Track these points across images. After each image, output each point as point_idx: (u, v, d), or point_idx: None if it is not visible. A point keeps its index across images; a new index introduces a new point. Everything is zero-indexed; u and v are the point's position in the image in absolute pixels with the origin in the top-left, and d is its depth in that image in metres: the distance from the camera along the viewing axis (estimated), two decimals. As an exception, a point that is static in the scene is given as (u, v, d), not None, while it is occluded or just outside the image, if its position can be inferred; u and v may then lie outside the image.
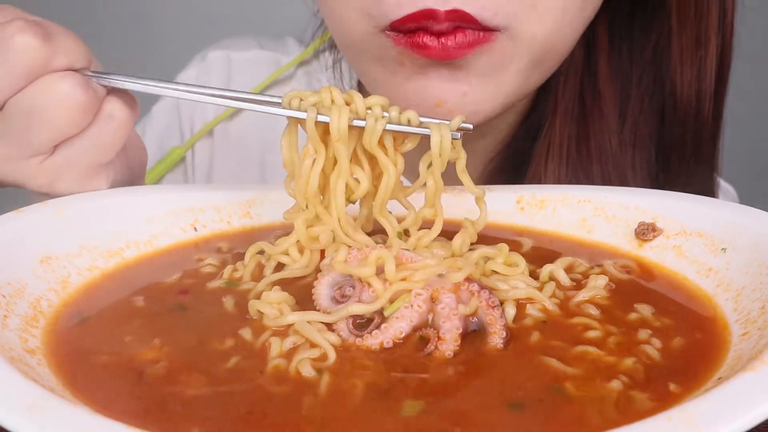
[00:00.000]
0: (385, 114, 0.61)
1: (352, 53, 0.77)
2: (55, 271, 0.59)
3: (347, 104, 0.61)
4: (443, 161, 0.61)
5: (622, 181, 0.86)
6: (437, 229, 0.63)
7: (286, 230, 0.67)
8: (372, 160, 0.63)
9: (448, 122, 0.62)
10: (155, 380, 0.47)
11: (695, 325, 0.54)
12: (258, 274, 0.62)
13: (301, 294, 0.57)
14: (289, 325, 0.52)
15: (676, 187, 0.84)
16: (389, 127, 0.61)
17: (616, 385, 0.46)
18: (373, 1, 0.69)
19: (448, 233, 0.65)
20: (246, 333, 0.52)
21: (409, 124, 0.61)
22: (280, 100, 0.63)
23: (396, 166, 0.62)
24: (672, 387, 0.46)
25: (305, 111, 0.60)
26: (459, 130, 0.62)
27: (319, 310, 0.54)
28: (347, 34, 0.74)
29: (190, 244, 0.69)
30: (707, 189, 0.89)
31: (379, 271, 0.54)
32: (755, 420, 0.38)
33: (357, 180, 0.62)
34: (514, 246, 0.67)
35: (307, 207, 0.62)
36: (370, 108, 0.61)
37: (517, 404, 0.44)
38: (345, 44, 0.78)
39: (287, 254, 0.63)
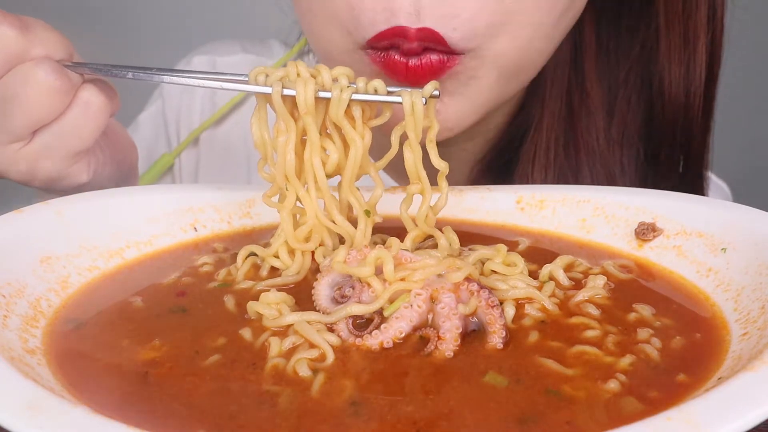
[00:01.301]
0: (352, 84, 0.61)
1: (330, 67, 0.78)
2: (55, 271, 0.59)
3: (313, 77, 0.61)
4: (417, 128, 0.61)
5: (611, 180, 0.86)
6: (427, 201, 0.63)
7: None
8: (342, 133, 0.62)
9: (420, 89, 0.61)
10: (155, 380, 0.47)
11: (695, 325, 0.54)
12: (253, 275, 0.62)
13: (301, 294, 0.57)
14: (289, 326, 0.52)
15: (666, 184, 0.84)
16: (357, 96, 0.60)
17: (614, 385, 0.46)
18: (351, 18, 0.69)
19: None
20: (246, 333, 0.52)
21: (375, 93, 0.61)
22: (246, 78, 0.62)
23: (363, 138, 0.61)
24: (671, 387, 0.46)
25: (271, 86, 0.60)
26: (430, 97, 0.61)
27: (319, 311, 0.54)
28: (328, 50, 0.75)
29: (190, 244, 0.69)
30: (697, 186, 0.89)
31: (379, 272, 0.54)
32: (755, 420, 0.38)
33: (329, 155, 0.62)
34: (513, 245, 0.67)
35: (287, 189, 0.62)
36: (336, 79, 0.61)
37: (515, 406, 0.44)
38: (325, 59, 0.78)
39: (278, 257, 0.63)
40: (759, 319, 0.51)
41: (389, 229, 0.69)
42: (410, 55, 0.68)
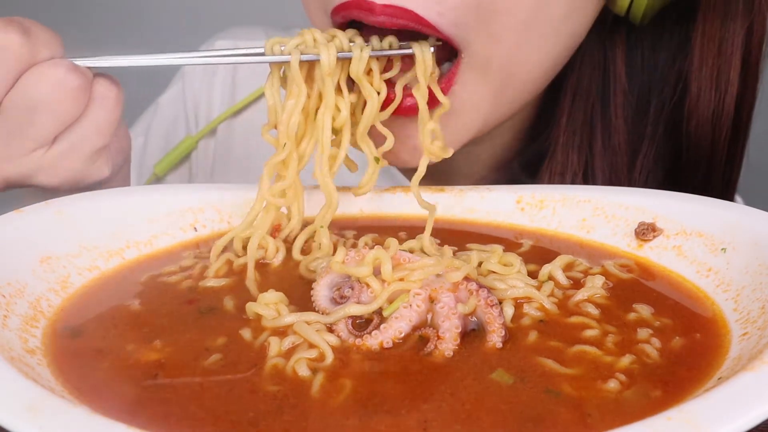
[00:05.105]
0: (367, 44, 0.66)
1: None
2: (55, 271, 0.59)
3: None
4: (426, 73, 0.67)
5: None
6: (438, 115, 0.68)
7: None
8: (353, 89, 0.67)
9: (426, 40, 0.68)
10: (156, 380, 0.47)
11: (695, 325, 0.54)
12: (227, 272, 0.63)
13: (301, 294, 0.57)
14: (289, 326, 0.52)
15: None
16: (375, 53, 0.66)
17: (614, 384, 0.46)
18: None
19: (444, 231, 0.65)
20: (246, 333, 0.52)
21: (390, 48, 0.67)
22: (262, 50, 0.65)
23: (379, 93, 0.67)
24: (671, 387, 0.46)
25: (289, 54, 0.64)
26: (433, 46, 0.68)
27: (318, 312, 0.54)
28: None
29: (190, 244, 0.69)
30: None
31: (377, 272, 0.54)
32: (755, 420, 0.38)
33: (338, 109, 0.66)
34: (514, 246, 0.67)
35: (284, 148, 0.64)
36: (352, 40, 0.66)
37: (515, 406, 0.44)
38: None
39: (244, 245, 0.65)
40: (759, 319, 0.51)
41: (388, 229, 0.69)
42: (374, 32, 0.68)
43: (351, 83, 0.67)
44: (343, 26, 0.69)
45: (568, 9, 0.70)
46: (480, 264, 0.59)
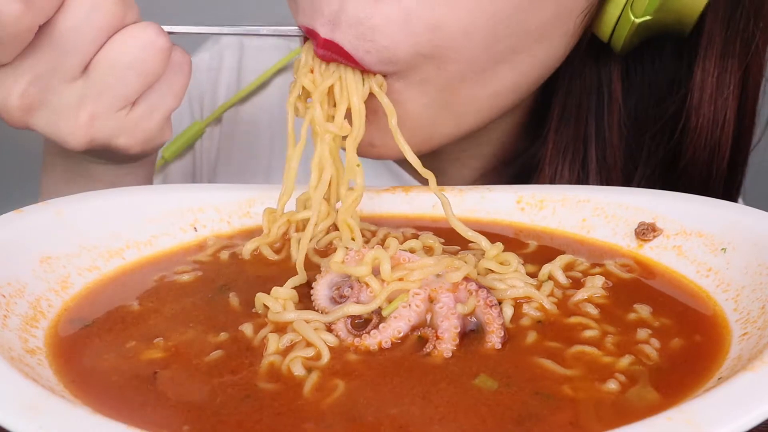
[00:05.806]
0: None
1: None
2: (55, 271, 0.59)
3: None
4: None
5: None
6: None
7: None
8: None
9: None
10: (158, 379, 0.47)
11: (695, 325, 0.54)
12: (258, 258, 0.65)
13: (302, 292, 0.57)
14: (289, 323, 0.52)
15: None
16: None
17: (613, 385, 0.46)
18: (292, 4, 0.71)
19: (445, 230, 0.65)
20: (247, 329, 0.53)
21: None
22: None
23: None
24: (671, 387, 0.46)
25: None
26: None
27: (318, 311, 0.54)
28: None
29: (190, 244, 0.69)
30: None
31: (377, 272, 0.54)
32: (755, 420, 0.37)
33: None
34: (519, 246, 0.67)
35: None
36: None
37: (512, 408, 0.44)
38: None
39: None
40: (759, 319, 0.51)
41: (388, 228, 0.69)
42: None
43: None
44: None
45: (524, 48, 0.67)
46: (478, 260, 0.59)
